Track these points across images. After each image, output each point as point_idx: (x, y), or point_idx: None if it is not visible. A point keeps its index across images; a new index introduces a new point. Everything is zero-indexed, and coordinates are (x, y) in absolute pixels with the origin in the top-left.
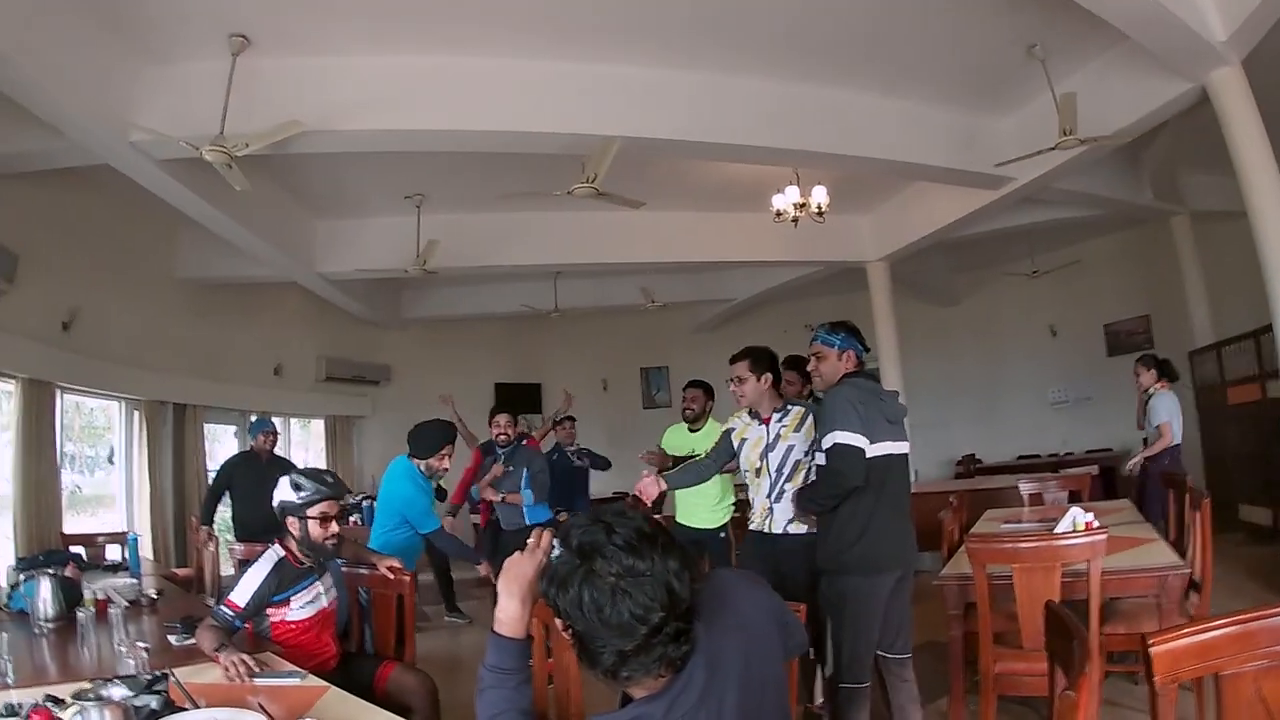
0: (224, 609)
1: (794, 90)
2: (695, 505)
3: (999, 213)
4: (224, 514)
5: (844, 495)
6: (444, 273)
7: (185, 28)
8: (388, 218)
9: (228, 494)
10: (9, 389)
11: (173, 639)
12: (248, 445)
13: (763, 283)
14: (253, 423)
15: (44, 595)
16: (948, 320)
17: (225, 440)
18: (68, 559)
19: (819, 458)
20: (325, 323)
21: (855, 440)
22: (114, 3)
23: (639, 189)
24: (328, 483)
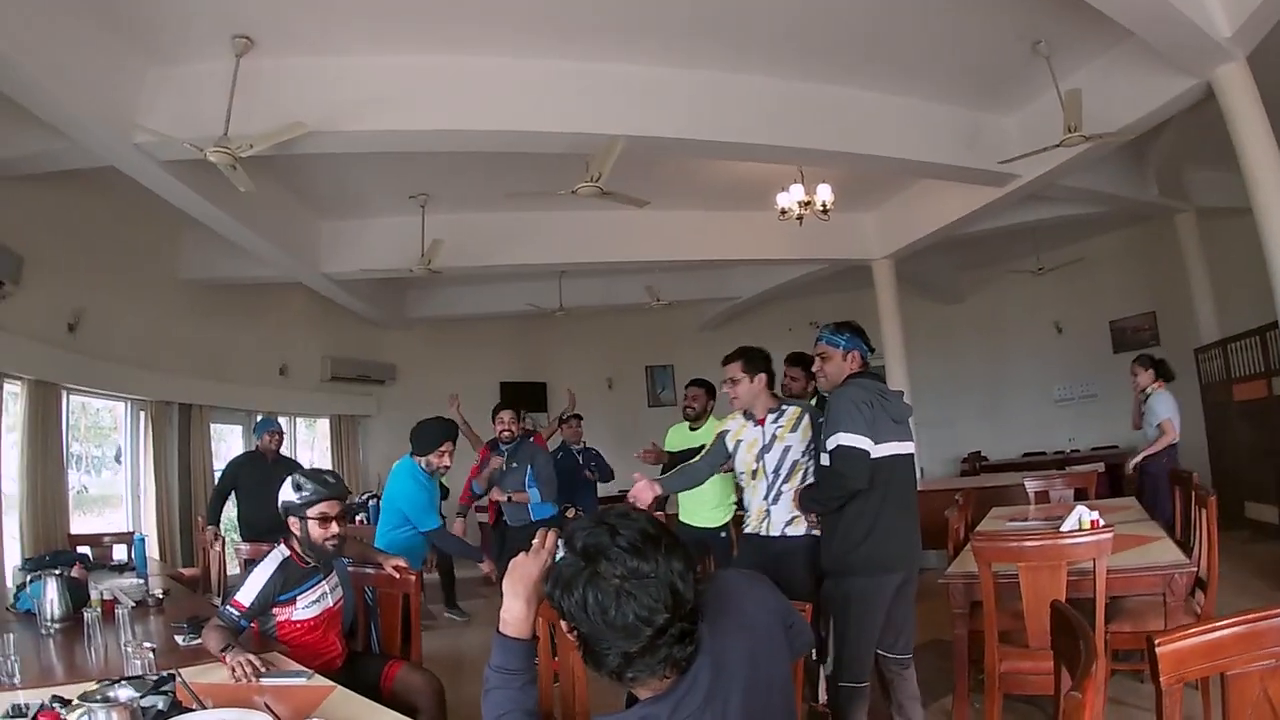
0: (229, 609)
1: (797, 88)
2: (697, 504)
3: (1004, 210)
4: (230, 514)
5: (847, 497)
6: (448, 272)
7: (189, 29)
8: (392, 218)
9: (233, 494)
10: (15, 390)
11: (179, 639)
12: (253, 445)
13: (767, 281)
14: (258, 422)
15: (50, 596)
16: (953, 318)
17: (231, 440)
18: (74, 559)
19: (823, 458)
20: (330, 323)
21: (859, 442)
22: (117, 4)
23: (643, 188)
24: (328, 483)
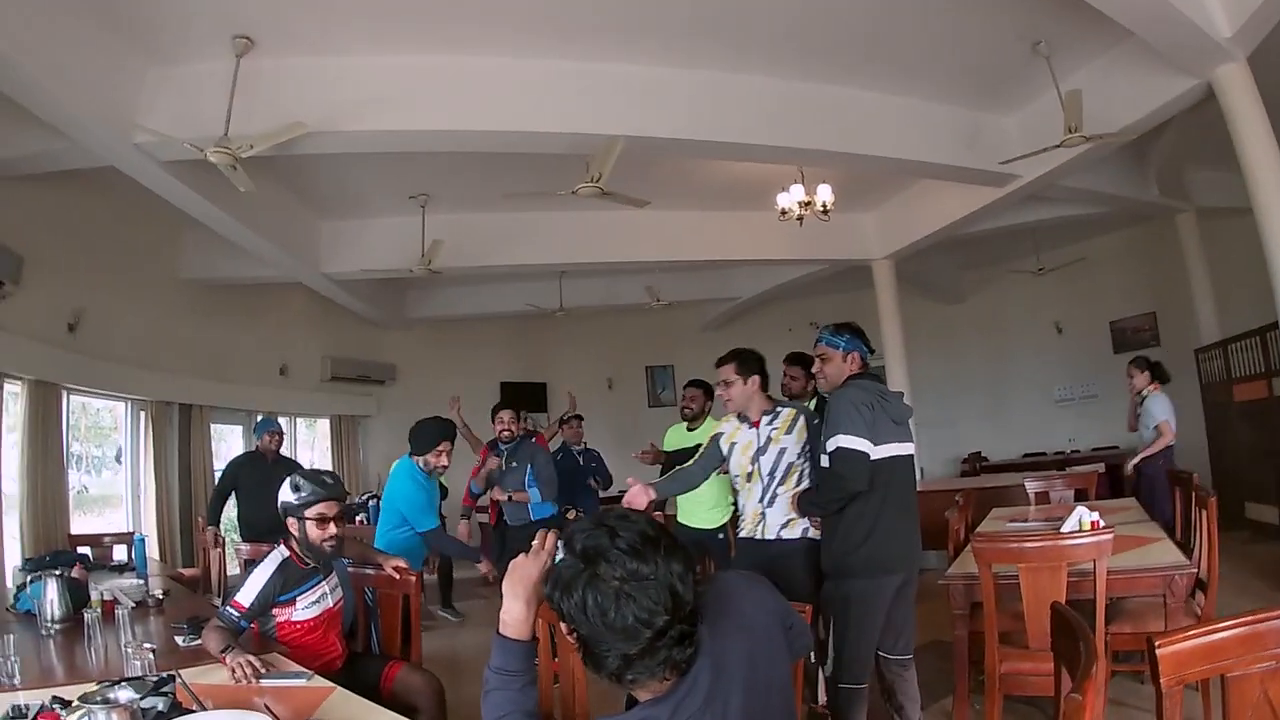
0: (229, 609)
1: (797, 88)
2: (694, 506)
3: (1004, 210)
4: (230, 514)
5: (847, 499)
6: (449, 272)
7: (189, 29)
8: (392, 218)
9: (234, 494)
10: (15, 390)
11: (179, 640)
12: (253, 445)
13: (768, 281)
14: (258, 423)
15: (51, 596)
16: (953, 318)
17: (231, 440)
18: (74, 560)
19: (823, 460)
20: (330, 323)
21: (859, 444)
22: (117, 4)
23: (643, 188)
24: (326, 484)
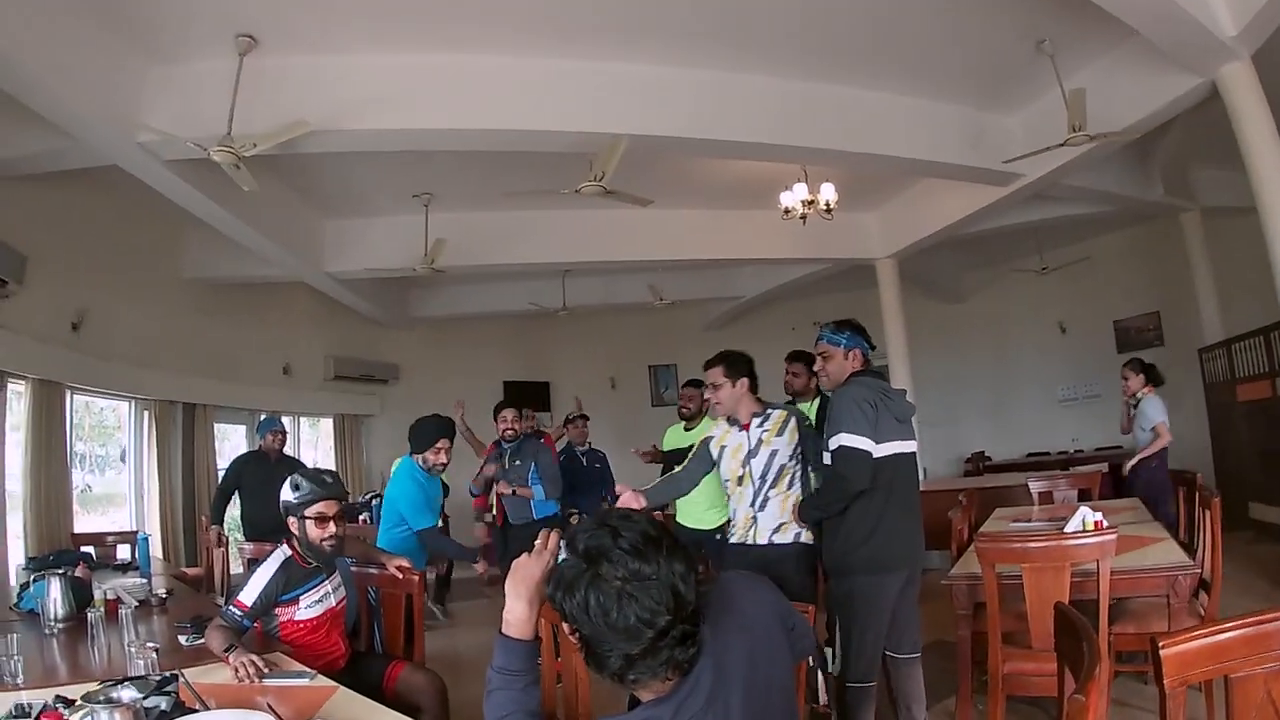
0: (232, 609)
1: (800, 87)
2: (690, 507)
3: (1008, 209)
4: (233, 513)
5: (849, 500)
6: (452, 271)
7: (192, 28)
8: (395, 217)
9: (237, 493)
10: (19, 390)
11: (182, 639)
12: (256, 445)
13: (771, 280)
14: (261, 422)
15: (54, 595)
16: (956, 317)
17: (235, 440)
18: (78, 559)
19: (825, 457)
20: (333, 322)
21: (861, 443)
22: (120, 3)
23: (647, 187)
24: (325, 483)
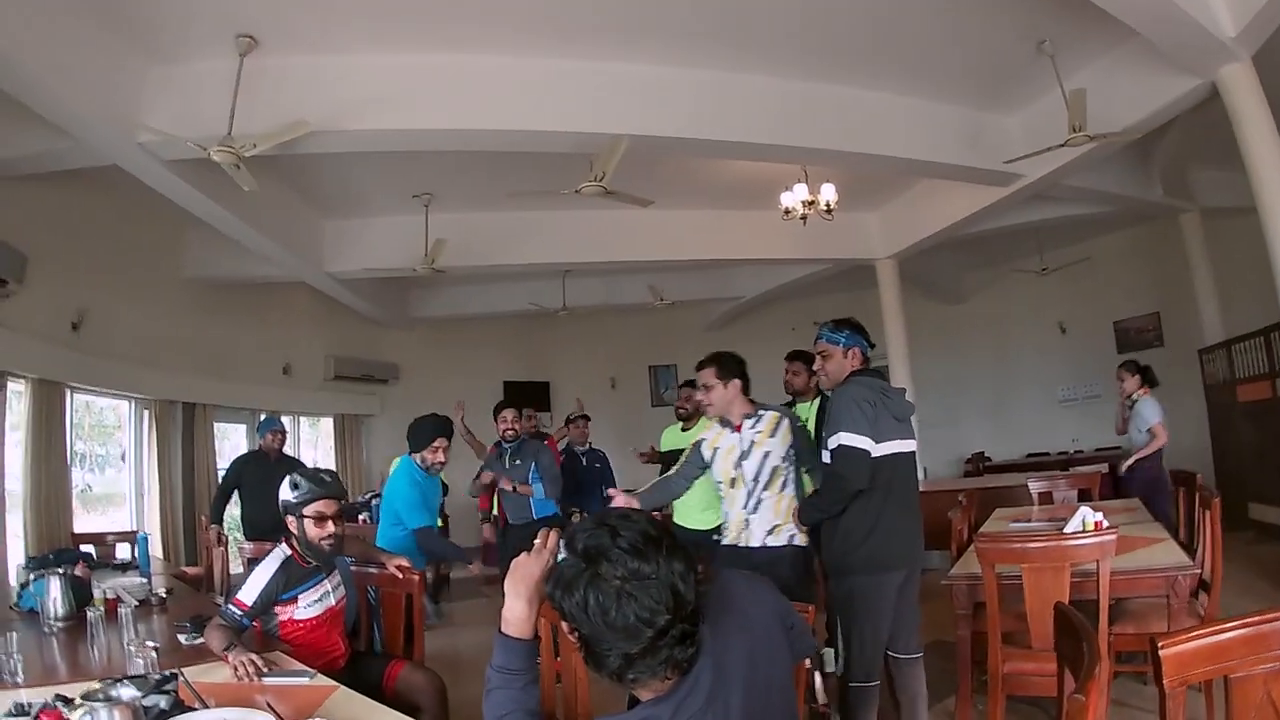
0: (231, 608)
1: (801, 88)
2: (689, 507)
3: (1008, 210)
4: (233, 513)
5: (849, 500)
6: (452, 272)
7: (192, 28)
8: (395, 217)
9: (237, 493)
10: (19, 389)
11: (182, 638)
12: (256, 444)
13: (771, 280)
14: (261, 422)
15: (54, 594)
16: (957, 318)
17: (235, 439)
18: (77, 558)
19: (825, 455)
20: (334, 322)
21: (860, 442)
22: (120, 3)
23: (647, 187)
24: (324, 482)
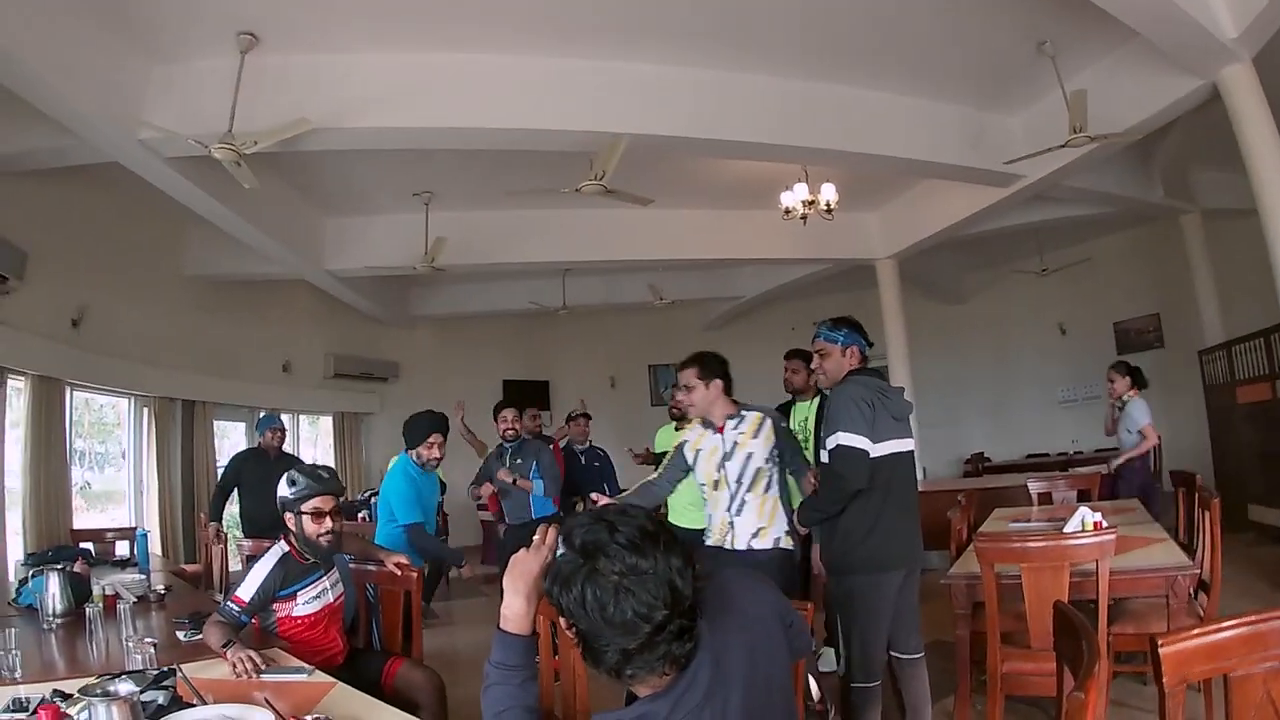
0: (230, 604)
1: (801, 87)
2: (685, 505)
3: (1008, 210)
4: (233, 510)
5: (847, 500)
6: (452, 270)
7: (194, 26)
8: (396, 215)
9: (236, 490)
10: (19, 386)
11: (180, 635)
12: (256, 442)
13: (771, 280)
14: (260, 419)
15: (52, 591)
16: (957, 318)
17: (234, 437)
18: (76, 555)
19: (823, 455)
20: (334, 320)
21: (859, 442)
22: (122, 2)
23: (647, 186)
24: (321, 478)
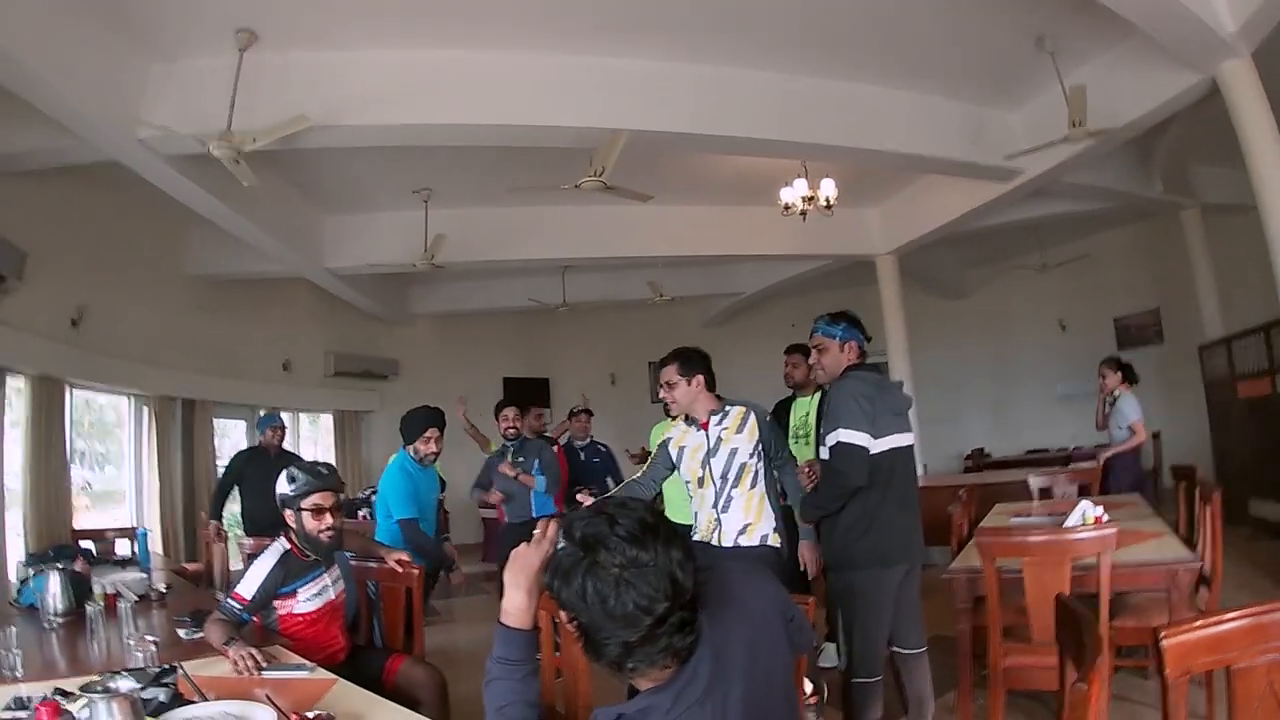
0: (231, 602)
1: (802, 83)
2: (683, 500)
3: (1008, 206)
4: (234, 509)
5: (848, 496)
6: (452, 268)
7: (192, 24)
8: (395, 213)
9: (237, 489)
10: (19, 385)
11: (181, 633)
12: (256, 440)
13: (771, 276)
14: (261, 418)
15: (53, 590)
16: (957, 314)
17: (235, 435)
18: (77, 554)
19: (823, 452)
20: (334, 318)
21: (859, 439)
22: (121, 1)
23: (647, 183)
24: (321, 474)
